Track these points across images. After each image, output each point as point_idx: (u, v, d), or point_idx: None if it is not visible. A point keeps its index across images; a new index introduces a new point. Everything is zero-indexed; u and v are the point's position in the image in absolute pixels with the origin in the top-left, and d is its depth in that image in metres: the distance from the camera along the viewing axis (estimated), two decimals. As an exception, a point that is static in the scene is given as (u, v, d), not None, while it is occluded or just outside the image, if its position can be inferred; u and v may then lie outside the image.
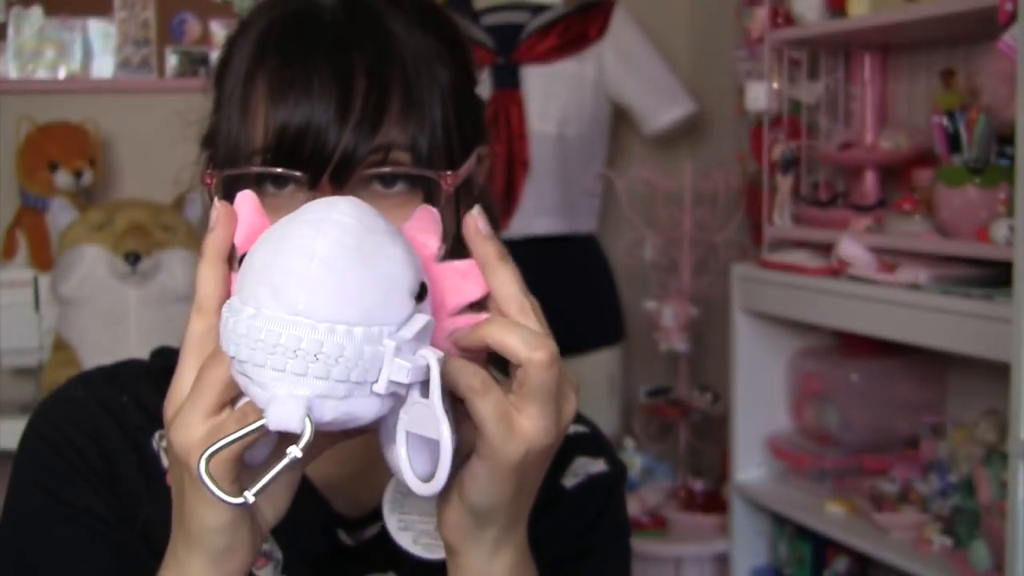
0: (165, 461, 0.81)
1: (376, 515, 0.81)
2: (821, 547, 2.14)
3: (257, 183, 0.74)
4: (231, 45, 0.79)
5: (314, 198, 0.67)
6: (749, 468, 2.27)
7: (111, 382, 0.85)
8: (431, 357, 0.57)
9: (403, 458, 0.59)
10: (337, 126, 0.71)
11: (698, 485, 2.56)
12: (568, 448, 0.90)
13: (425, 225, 0.64)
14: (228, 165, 0.74)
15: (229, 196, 0.71)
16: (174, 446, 0.61)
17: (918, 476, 1.97)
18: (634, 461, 2.65)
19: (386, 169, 0.73)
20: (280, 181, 0.73)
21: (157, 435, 0.82)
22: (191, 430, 0.61)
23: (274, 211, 0.72)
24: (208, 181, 0.74)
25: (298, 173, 0.71)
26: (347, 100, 0.72)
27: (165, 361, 0.86)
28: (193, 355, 0.63)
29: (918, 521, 1.89)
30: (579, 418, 0.90)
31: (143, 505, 0.80)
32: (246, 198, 0.65)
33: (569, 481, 0.89)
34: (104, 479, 0.81)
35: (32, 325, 2.42)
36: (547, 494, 0.74)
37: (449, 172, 0.75)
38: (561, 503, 0.88)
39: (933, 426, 2.03)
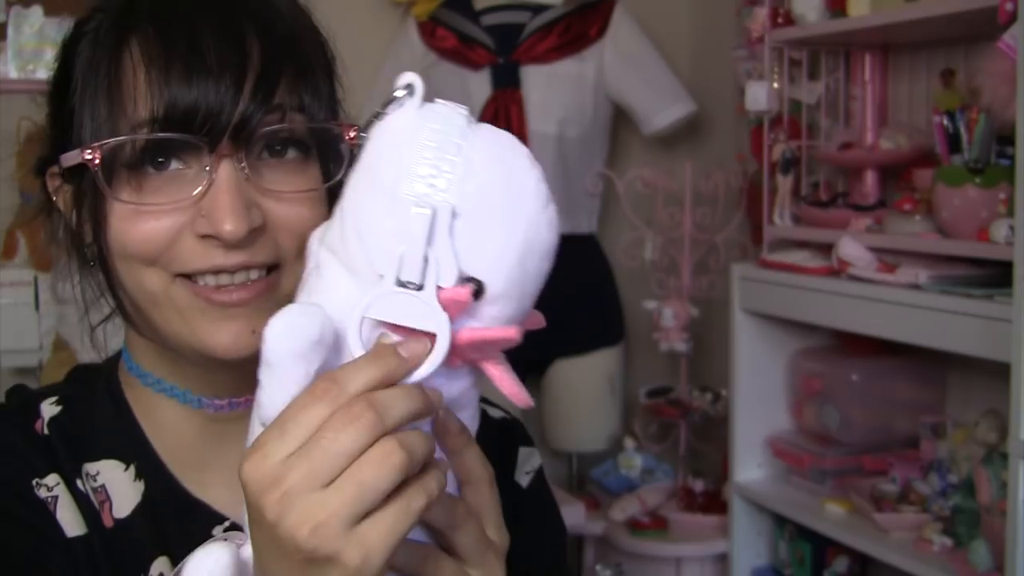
0: (51, 508, 0.76)
1: None
2: (821, 547, 2.14)
3: (139, 160, 0.72)
4: (73, 32, 0.76)
5: (208, 168, 0.69)
6: (749, 468, 2.26)
7: None
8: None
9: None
10: (233, 95, 0.70)
11: (698, 485, 2.56)
12: (508, 439, 0.90)
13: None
14: (100, 139, 0.71)
15: (106, 176, 0.70)
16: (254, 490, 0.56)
17: (918, 476, 1.97)
18: (634, 461, 2.65)
19: (287, 125, 0.72)
20: (166, 155, 0.71)
21: (34, 483, 0.77)
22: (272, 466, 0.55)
23: (153, 192, 0.72)
24: (89, 155, 0.71)
25: (196, 139, 0.70)
26: (242, 63, 0.71)
27: (21, 400, 0.83)
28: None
29: (918, 521, 1.89)
30: (489, 401, 0.89)
31: (48, 555, 0.75)
32: None
33: (523, 479, 0.90)
34: None
35: (32, 325, 2.42)
36: (510, 498, 0.74)
37: (353, 125, 0.75)
38: (523, 504, 0.87)
39: (933, 426, 2.03)
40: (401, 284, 0.57)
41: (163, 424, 0.82)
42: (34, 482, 0.77)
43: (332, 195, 0.74)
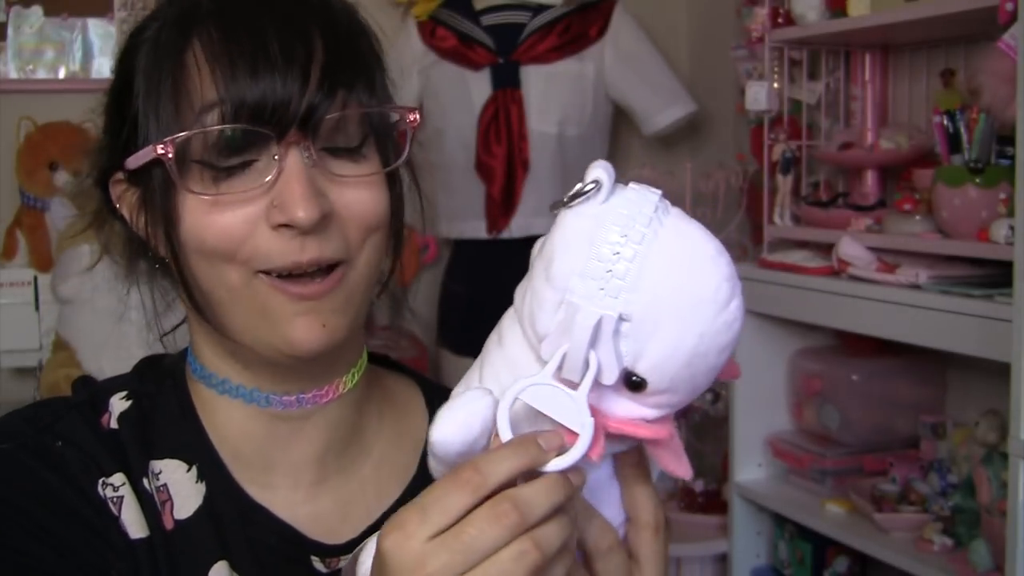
0: (114, 509, 0.77)
1: (352, 545, 0.81)
2: (821, 547, 2.14)
3: (210, 154, 0.73)
4: (132, 40, 0.78)
5: (277, 157, 0.71)
6: (749, 468, 2.26)
7: (34, 425, 0.79)
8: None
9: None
10: (300, 86, 0.72)
11: (698, 485, 2.56)
12: None
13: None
14: (170, 135, 0.73)
15: (179, 170, 0.72)
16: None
17: (918, 476, 1.97)
18: (634, 461, 2.65)
19: (351, 111, 0.74)
20: (235, 147, 0.73)
21: (101, 482, 0.77)
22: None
23: (225, 184, 0.73)
24: (162, 150, 0.72)
25: (265, 129, 0.72)
26: (308, 55, 0.73)
27: (90, 393, 0.83)
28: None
29: (918, 521, 1.89)
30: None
31: (108, 559, 0.75)
32: None
33: None
34: (57, 534, 0.74)
35: (32, 325, 2.43)
36: None
37: (414, 109, 0.78)
38: None
39: (933, 426, 2.03)
40: (560, 377, 0.58)
41: (228, 426, 0.82)
42: (100, 481, 0.77)
43: (391, 179, 0.78)
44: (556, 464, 0.57)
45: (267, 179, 0.73)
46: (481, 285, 2.47)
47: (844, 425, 2.11)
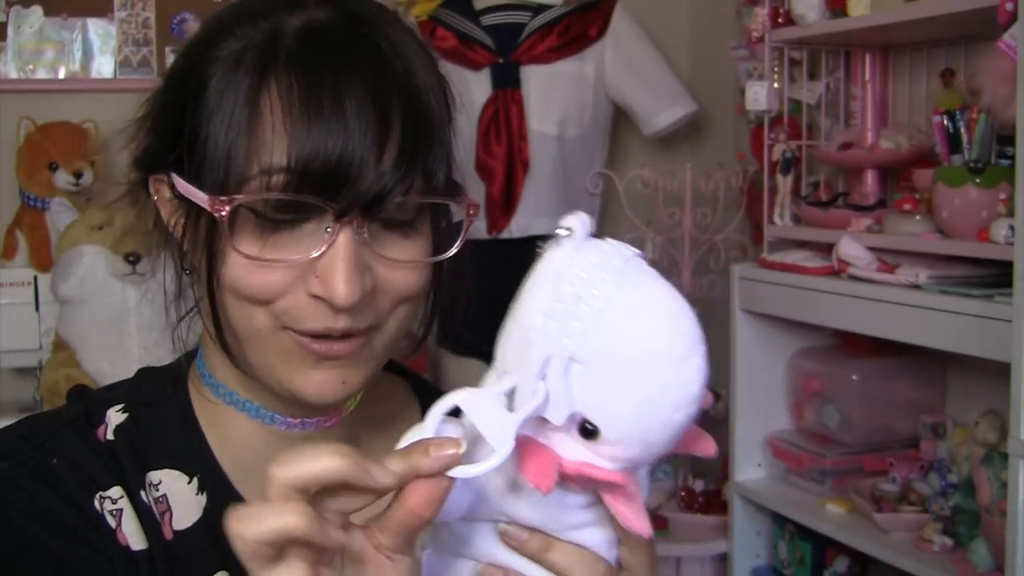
0: (113, 522, 0.77)
1: None
2: (821, 547, 2.14)
3: (264, 212, 0.70)
4: (204, 48, 0.74)
5: (330, 230, 0.69)
6: (749, 468, 2.26)
7: (31, 443, 0.78)
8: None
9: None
10: (375, 158, 0.69)
11: (698, 485, 2.56)
12: None
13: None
14: (228, 187, 0.70)
15: (230, 223, 0.69)
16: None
17: (918, 476, 1.97)
18: (634, 461, 2.65)
19: (414, 200, 0.72)
20: (295, 211, 0.70)
21: (97, 497, 0.77)
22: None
23: (272, 246, 0.71)
24: (219, 209, 0.70)
25: (329, 203, 0.69)
26: (385, 131, 0.69)
27: (85, 405, 0.82)
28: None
29: (918, 521, 1.89)
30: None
31: (107, 574, 0.75)
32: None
33: None
34: (54, 552, 0.74)
35: (32, 325, 2.43)
36: None
37: (475, 204, 0.76)
38: None
39: (933, 426, 2.03)
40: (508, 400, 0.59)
41: (231, 436, 0.82)
42: (98, 496, 0.77)
43: (438, 264, 0.77)
44: (460, 472, 0.58)
45: (315, 253, 0.70)
46: (481, 285, 2.47)
47: (844, 425, 2.11)
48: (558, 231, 0.59)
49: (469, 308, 0.87)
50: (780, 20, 2.18)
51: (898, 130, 2.08)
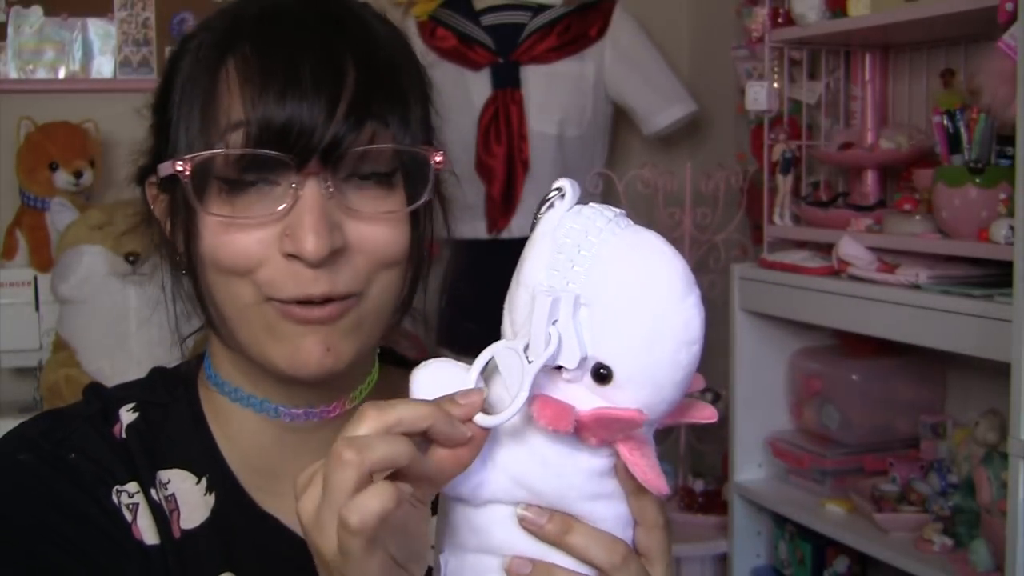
0: (129, 516, 0.79)
1: None
2: (821, 547, 2.14)
3: (230, 174, 0.73)
4: (181, 47, 0.78)
5: (295, 185, 0.70)
6: (749, 468, 2.26)
7: (50, 438, 0.80)
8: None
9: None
10: (326, 116, 0.71)
11: (698, 485, 2.56)
12: None
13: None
14: (192, 152, 0.73)
15: (197, 188, 0.72)
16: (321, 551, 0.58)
17: (918, 476, 1.97)
18: (634, 461, 2.65)
19: (375, 146, 0.74)
20: (256, 171, 0.73)
21: (115, 491, 0.79)
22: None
23: (242, 207, 0.73)
24: (180, 167, 0.73)
25: (284, 156, 0.71)
26: (338, 83, 0.72)
27: (101, 403, 0.84)
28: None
29: (918, 521, 1.89)
30: None
31: (123, 565, 0.77)
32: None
33: None
34: (74, 540, 0.76)
35: (32, 325, 2.43)
36: None
37: (439, 150, 0.77)
38: None
39: (933, 426, 2.03)
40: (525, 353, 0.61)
41: (239, 434, 0.83)
42: (115, 489, 0.79)
43: (415, 217, 0.77)
44: (483, 420, 0.60)
45: (282, 206, 0.73)
46: (481, 285, 2.47)
47: (844, 425, 2.11)
48: (549, 194, 0.63)
49: (470, 307, 0.88)
50: (780, 20, 2.18)
51: (898, 130, 2.08)
